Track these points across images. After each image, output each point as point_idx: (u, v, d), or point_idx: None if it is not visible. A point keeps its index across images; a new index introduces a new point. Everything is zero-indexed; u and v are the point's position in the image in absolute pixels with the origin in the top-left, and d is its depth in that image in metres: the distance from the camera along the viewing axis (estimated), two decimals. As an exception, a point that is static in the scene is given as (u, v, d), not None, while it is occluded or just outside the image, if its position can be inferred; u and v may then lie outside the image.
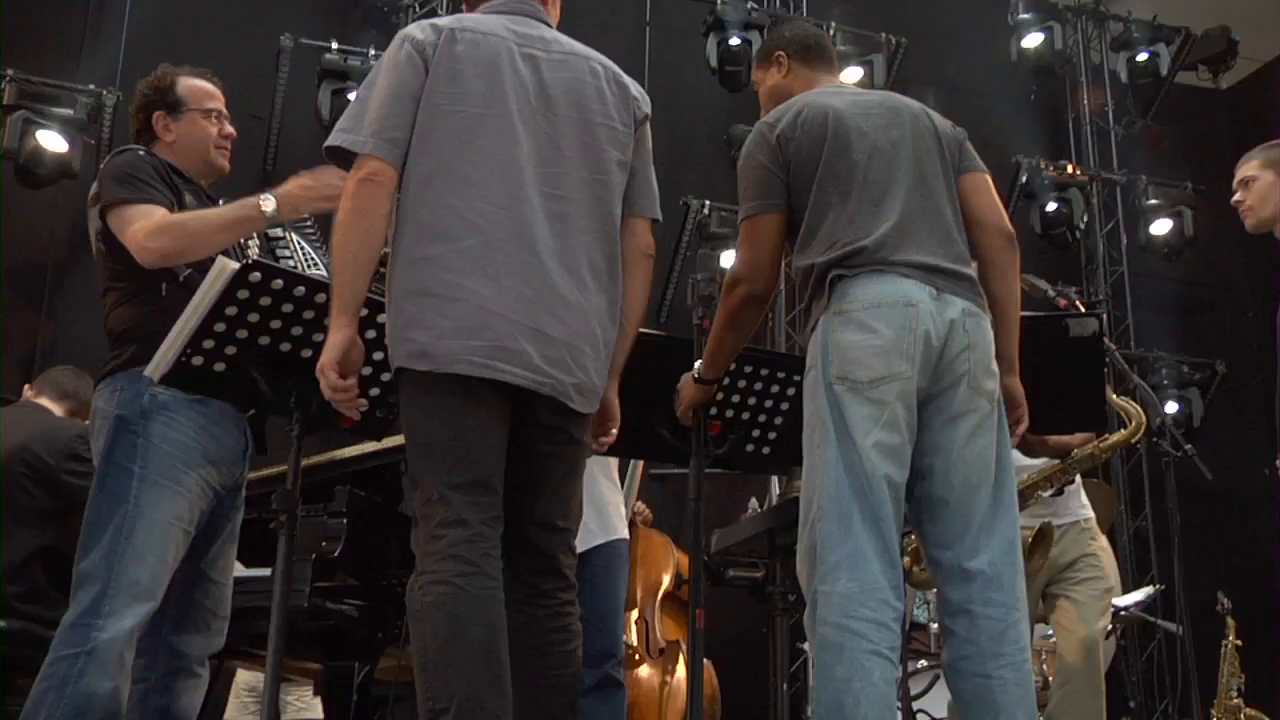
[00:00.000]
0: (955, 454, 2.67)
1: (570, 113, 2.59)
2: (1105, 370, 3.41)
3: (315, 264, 3.17)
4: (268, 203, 2.84)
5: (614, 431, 2.70)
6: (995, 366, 2.74)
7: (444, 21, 2.59)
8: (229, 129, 3.20)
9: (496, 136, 2.50)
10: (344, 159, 2.51)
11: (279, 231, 3.14)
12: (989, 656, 2.61)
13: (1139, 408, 4.04)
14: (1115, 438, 4.05)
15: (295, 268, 3.02)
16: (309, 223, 3.23)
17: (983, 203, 2.91)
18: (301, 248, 3.17)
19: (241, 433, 3.00)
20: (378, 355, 2.67)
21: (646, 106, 2.75)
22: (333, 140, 2.50)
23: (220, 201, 3.08)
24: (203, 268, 2.89)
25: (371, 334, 2.63)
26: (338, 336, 2.40)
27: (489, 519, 2.39)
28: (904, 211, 2.75)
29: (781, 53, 3.11)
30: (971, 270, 2.80)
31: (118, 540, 2.73)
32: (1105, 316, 8.61)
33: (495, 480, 2.42)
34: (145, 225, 2.84)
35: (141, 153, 3.03)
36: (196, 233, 2.85)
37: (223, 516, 3.03)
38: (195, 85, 3.17)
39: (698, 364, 2.96)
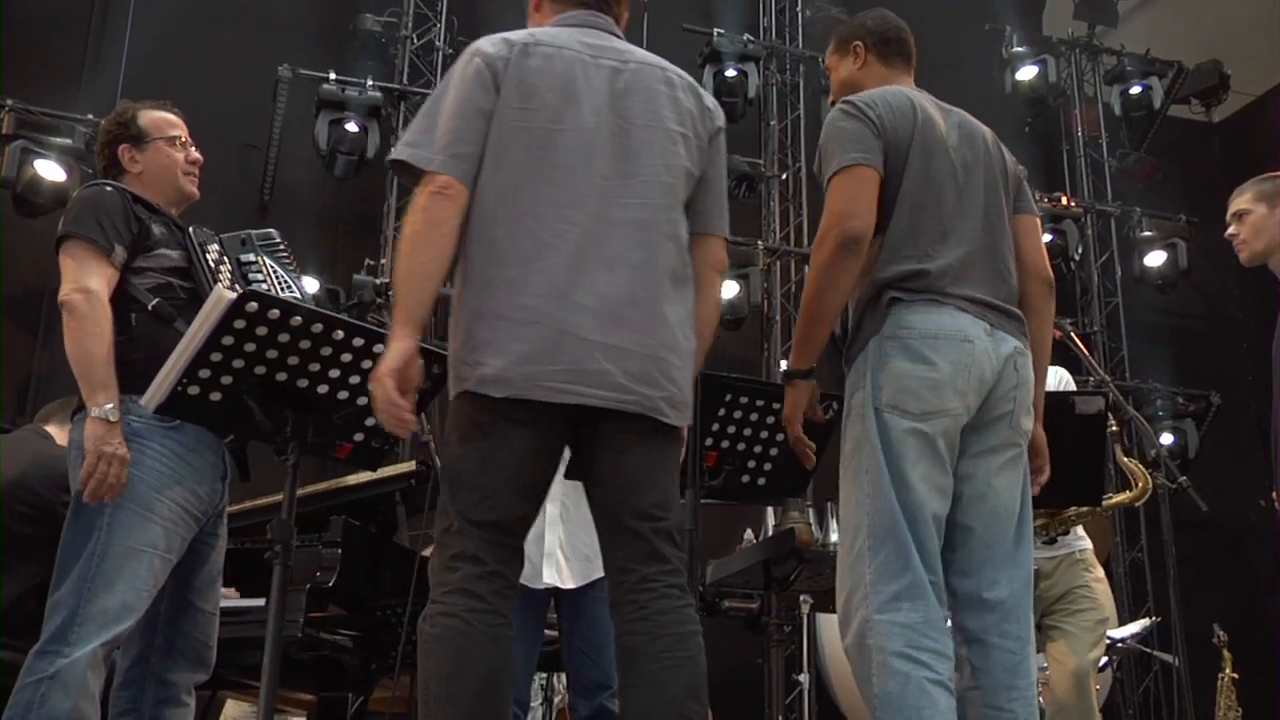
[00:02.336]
0: (986, 483, 2.65)
1: (646, 121, 2.52)
2: (1107, 446, 3.40)
3: (289, 287, 3.16)
4: (104, 409, 2.75)
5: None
6: (1032, 408, 2.74)
7: (516, 36, 2.53)
8: (195, 154, 3.19)
9: (572, 151, 2.44)
10: (407, 171, 2.46)
11: (250, 256, 3.14)
12: (1001, 689, 2.58)
13: (1146, 471, 4.04)
14: (1119, 498, 4.06)
15: (269, 291, 3.02)
16: (281, 246, 3.23)
17: (1031, 246, 2.90)
18: (275, 271, 3.17)
19: (220, 458, 2.99)
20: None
21: (721, 119, 2.66)
22: (398, 154, 2.45)
23: (190, 231, 3.06)
24: (171, 298, 2.92)
25: (368, 364, 2.62)
26: (399, 345, 2.31)
27: (505, 559, 2.34)
28: (970, 243, 2.72)
29: (860, 43, 2.98)
30: (1019, 310, 2.79)
31: (88, 568, 2.72)
32: (1102, 345, 8.64)
33: (518, 524, 2.37)
34: (84, 282, 2.83)
35: (108, 188, 3.00)
36: (84, 333, 2.80)
37: (206, 545, 3.01)
38: (156, 115, 3.17)
39: (784, 364, 2.84)
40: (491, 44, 2.51)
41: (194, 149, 3.19)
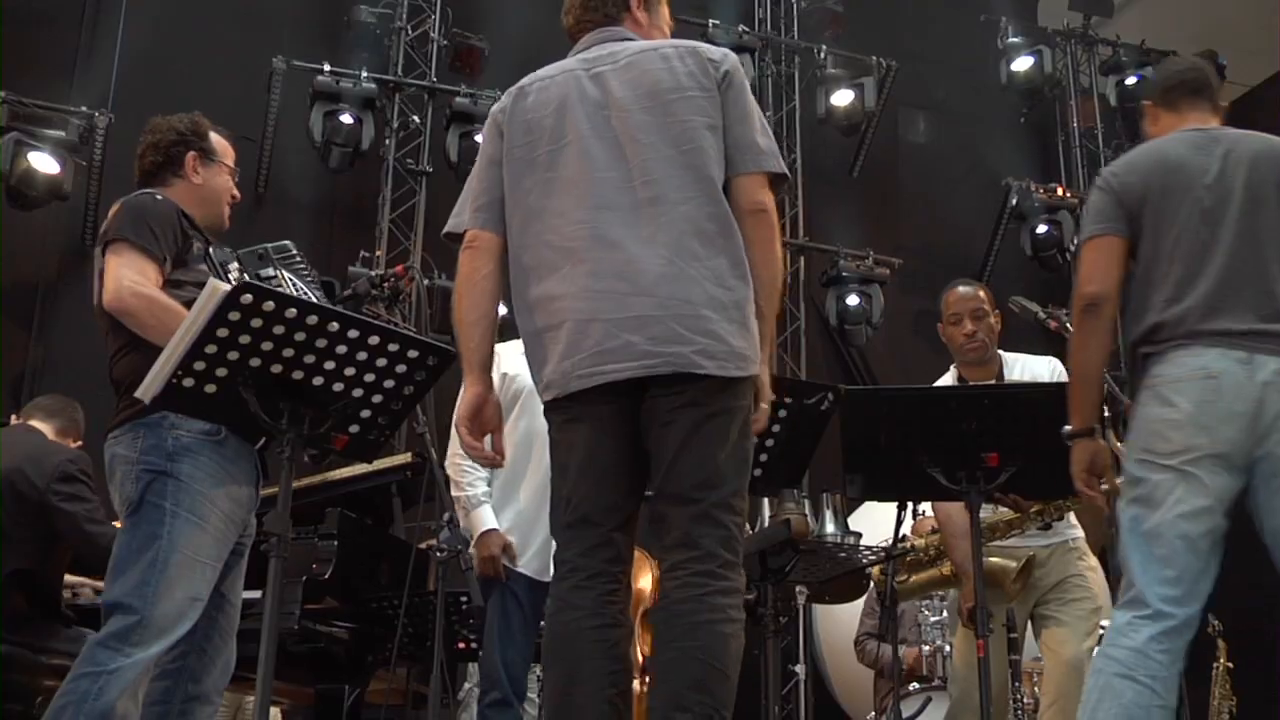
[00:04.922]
0: (1272, 511, 2.79)
1: (643, 103, 2.60)
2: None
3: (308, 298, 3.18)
4: None
5: (764, 409, 2.60)
6: None
7: (518, 84, 2.75)
8: (237, 191, 3.28)
9: (573, 162, 2.60)
10: (459, 240, 2.72)
11: (270, 271, 3.15)
12: None
13: None
14: (1116, 481, 4.05)
15: None
16: (297, 257, 3.24)
17: None
18: (295, 284, 3.18)
19: (253, 465, 3.03)
20: (369, 377, 2.67)
21: (728, 65, 2.67)
22: (447, 228, 2.75)
23: (210, 251, 3.07)
24: None
25: (363, 356, 2.63)
26: (466, 394, 2.64)
27: (588, 549, 2.51)
28: (1220, 277, 2.78)
29: (1148, 102, 3.14)
30: None
31: (151, 573, 2.76)
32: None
33: (599, 511, 2.52)
34: (138, 279, 2.85)
35: (158, 197, 3.03)
36: (163, 324, 2.78)
37: (242, 544, 3.06)
38: (223, 142, 3.26)
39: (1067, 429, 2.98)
40: (498, 102, 2.79)
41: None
